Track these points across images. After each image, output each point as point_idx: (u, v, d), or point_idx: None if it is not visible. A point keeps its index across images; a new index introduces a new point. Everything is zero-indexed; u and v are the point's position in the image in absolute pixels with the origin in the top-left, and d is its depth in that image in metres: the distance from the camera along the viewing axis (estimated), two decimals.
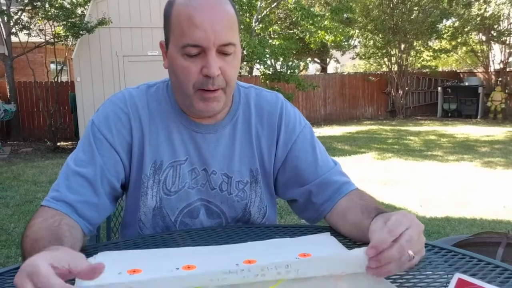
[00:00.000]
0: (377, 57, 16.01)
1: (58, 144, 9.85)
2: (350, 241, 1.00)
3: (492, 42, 14.82)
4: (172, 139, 1.11)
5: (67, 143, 10.35)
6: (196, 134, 1.11)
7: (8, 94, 10.75)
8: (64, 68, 11.24)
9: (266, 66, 10.88)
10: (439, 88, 15.26)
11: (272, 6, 12.34)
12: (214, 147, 1.12)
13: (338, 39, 11.84)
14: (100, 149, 1.06)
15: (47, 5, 9.03)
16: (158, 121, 1.11)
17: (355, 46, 18.64)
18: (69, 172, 1.04)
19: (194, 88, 1.01)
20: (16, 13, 9.79)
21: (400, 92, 15.33)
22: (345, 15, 13.85)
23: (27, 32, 9.77)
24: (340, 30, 11.55)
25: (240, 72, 13.89)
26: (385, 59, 15.68)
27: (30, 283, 0.64)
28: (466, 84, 14.95)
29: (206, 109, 1.04)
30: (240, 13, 10.91)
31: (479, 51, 15.18)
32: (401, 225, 0.79)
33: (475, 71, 16.14)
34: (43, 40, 9.91)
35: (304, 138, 1.17)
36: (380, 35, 15.15)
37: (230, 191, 1.13)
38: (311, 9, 12.56)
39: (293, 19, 12.75)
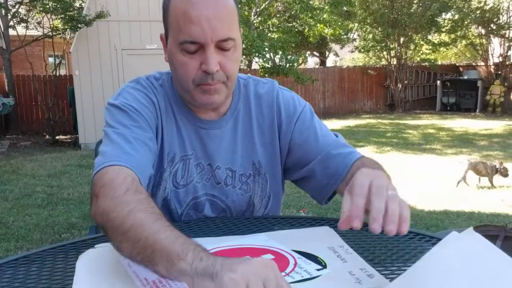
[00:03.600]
0: (376, 50, 15.97)
1: (57, 137, 9.84)
2: (353, 235, 1.00)
3: (492, 36, 14.79)
4: (182, 134, 1.11)
5: (65, 137, 10.34)
6: (200, 130, 1.11)
7: (6, 87, 10.72)
8: (62, 61, 11.19)
9: (265, 59, 10.85)
10: (438, 82, 15.25)
11: None
12: (218, 143, 1.12)
13: (337, 32, 11.81)
14: (142, 122, 1.01)
15: None
16: (170, 114, 1.11)
17: (354, 40, 18.58)
18: (127, 136, 0.96)
19: (194, 83, 1.00)
20: (13, 6, 9.75)
21: (399, 85, 15.31)
22: (344, 8, 13.81)
23: (25, 25, 9.73)
24: (339, 23, 11.52)
25: (239, 66, 13.89)
26: (384, 53, 15.64)
27: (261, 284, 0.60)
28: (465, 77, 14.94)
29: (207, 102, 1.03)
30: (239, 6, 10.85)
31: (478, 45, 15.15)
32: (364, 187, 0.76)
33: (474, 64, 16.12)
34: (41, 33, 9.87)
35: (305, 117, 1.16)
36: (379, 28, 15.11)
37: (234, 184, 1.14)
38: (310, 2, 12.50)
39: (292, 12, 12.71)
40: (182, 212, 1.13)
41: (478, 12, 13.68)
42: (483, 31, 14.82)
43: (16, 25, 9.78)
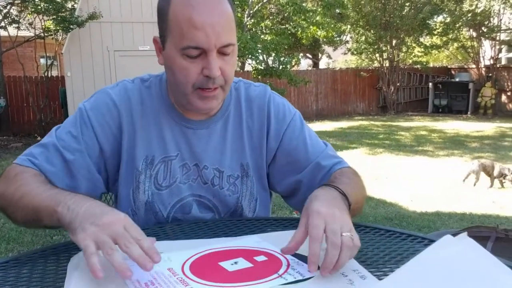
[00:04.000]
0: (368, 52, 16.04)
1: None
2: None
3: (483, 38, 14.90)
4: (163, 135, 1.11)
5: None
6: (187, 130, 1.11)
7: None
8: (54, 62, 11.15)
9: (258, 61, 10.86)
10: (430, 84, 15.34)
11: (264, 1, 12.32)
12: (205, 143, 1.12)
13: (330, 34, 11.88)
14: (84, 134, 1.07)
15: None
16: (150, 117, 1.11)
17: (347, 42, 18.65)
18: (49, 145, 1.06)
19: (193, 87, 1.01)
20: (5, 7, 9.68)
21: (392, 87, 15.38)
22: (337, 10, 13.86)
23: (17, 26, 9.68)
24: (332, 25, 11.58)
25: None
26: (377, 55, 15.72)
27: (122, 228, 0.75)
28: (457, 80, 15.05)
29: (204, 107, 1.04)
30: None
31: (469, 47, 15.26)
32: (318, 227, 0.78)
33: (465, 67, 16.24)
34: (32, 34, 9.82)
35: (295, 125, 1.17)
36: (371, 30, 15.17)
37: (221, 185, 1.14)
38: (303, 4, 12.55)
39: (285, 14, 12.74)
40: (168, 214, 1.12)
41: (469, 15, 13.78)
42: (474, 34, 14.93)
43: (7, 26, 9.71)
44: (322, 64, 24.09)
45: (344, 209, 0.86)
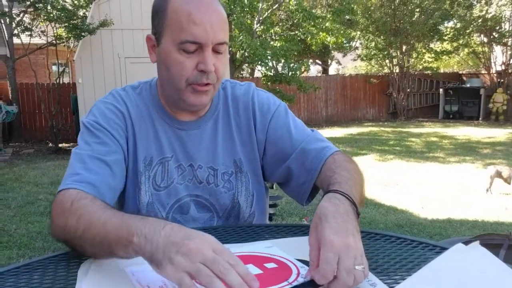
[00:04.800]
0: (378, 58, 16.01)
1: (60, 145, 9.87)
2: None
3: (494, 44, 14.80)
4: (159, 137, 1.14)
5: (68, 145, 10.36)
6: (180, 131, 1.15)
7: (10, 95, 10.78)
8: (66, 69, 11.26)
9: (267, 67, 10.89)
10: (441, 90, 15.25)
11: (274, 7, 12.34)
12: (198, 143, 1.16)
13: (340, 40, 11.86)
14: (106, 138, 1.08)
15: (49, 7, 9.05)
16: (147, 120, 1.15)
17: (357, 48, 18.63)
18: (83, 157, 1.03)
19: (187, 82, 1.04)
20: (18, 15, 9.83)
21: (402, 93, 15.32)
22: (346, 16, 13.85)
23: (29, 33, 9.80)
24: (342, 31, 11.57)
25: (242, 74, 13.86)
26: (387, 61, 15.67)
27: (212, 252, 0.69)
28: (468, 85, 14.95)
29: (195, 102, 1.07)
30: (242, 14, 10.91)
31: (480, 53, 15.16)
32: (331, 263, 0.74)
33: (476, 72, 16.12)
34: (45, 42, 9.94)
35: (279, 115, 1.19)
36: (381, 36, 15.15)
37: (216, 183, 1.16)
38: (313, 10, 12.56)
39: (295, 21, 12.75)
40: (167, 215, 1.14)
41: (480, 20, 13.71)
42: (485, 40, 14.84)
43: (20, 34, 9.85)
44: (332, 70, 24.07)
45: (357, 231, 0.82)
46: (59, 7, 9.05)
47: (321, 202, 0.87)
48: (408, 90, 15.48)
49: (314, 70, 24.77)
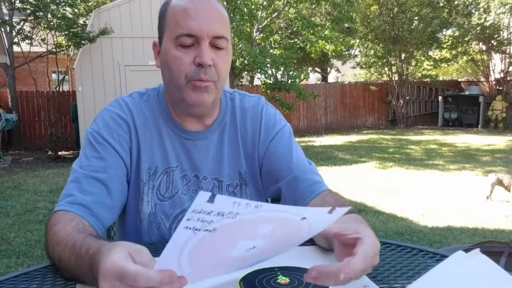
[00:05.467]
0: (377, 66, 16.06)
1: (59, 153, 9.86)
2: None
3: (493, 52, 14.86)
4: (165, 146, 1.13)
5: (68, 153, 10.36)
6: (186, 141, 1.13)
7: (10, 103, 10.79)
8: (65, 77, 11.29)
9: (267, 75, 10.91)
10: (440, 97, 15.29)
11: (273, 16, 12.40)
12: (204, 154, 1.14)
13: (339, 48, 11.87)
14: (106, 152, 1.07)
15: (49, 15, 9.09)
16: (152, 128, 1.13)
17: (356, 56, 18.70)
18: (79, 176, 1.03)
19: (187, 79, 1.02)
20: (18, 23, 9.87)
21: (401, 101, 15.35)
22: (345, 24, 13.92)
23: (29, 42, 9.84)
24: (341, 39, 11.59)
25: (241, 82, 13.90)
26: (386, 69, 15.73)
27: (123, 285, 0.62)
28: (467, 93, 14.99)
29: (197, 100, 1.04)
30: (241, 22, 10.95)
31: (479, 61, 15.22)
32: (374, 259, 0.74)
33: (475, 80, 16.17)
34: (45, 50, 9.98)
35: (282, 136, 1.19)
36: (380, 44, 15.21)
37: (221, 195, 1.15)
38: (312, 19, 12.61)
39: (294, 29, 12.80)
40: (171, 225, 1.13)
41: (478, 28, 13.77)
42: (484, 47, 14.90)
43: (20, 42, 9.88)
44: (331, 78, 24.14)
45: None
46: (59, 15, 9.09)
47: (349, 213, 0.85)
48: (407, 97, 15.52)
49: (314, 78, 24.85)
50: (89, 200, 0.99)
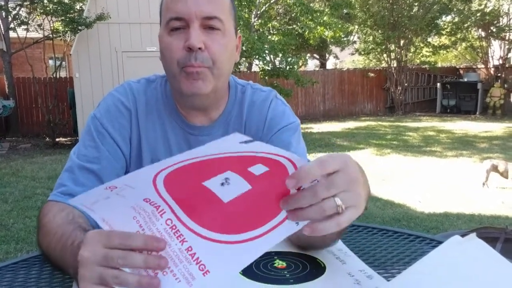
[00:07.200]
0: (376, 53, 15.99)
1: (57, 140, 9.84)
2: (352, 238, 1.00)
3: (492, 38, 14.81)
4: (168, 138, 1.09)
5: (65, 139, 10.34)
6: (190, 136, 1.10)
7: (7, 90, 10.73)
8: (62, 63, 11.21)
9: (265, 62, 10.86)
10: (438, 84, 15.26)
11: (271, 1, 12.31)
12: None
13: (337, 34, 11.81)
14: (104, 143, 1.05)
15: (45, 0, 9.00)
16: (156, 118, 1.09)
17: (355, 42, 18.60)
18: (74, 167, 1.03)
19: (179, 66, 0.97)
20: (14, 8, 9.77)
21: (399, 88, 15.32)
22: (344, 10, 13.83)
23: (26, 27, 9.75)
24: (339, 25, 11.52)
25: (239, 68, 13.86)
26: (384, 55, 15.66)
27: (102, 248, 0.60)
28: (465, 80, 14.96)
29: (191, 89, 0.98)
30: (239, 8, 10.87)
31: (478, 47, 15.17)
32: (334, 161, 0.61)
33: (474, 67, 16.13)
34: (41, 36, 9.89)
35: (284, 132, 1.12)
36: (379, 30, 15.13)
37: None
38: (311, 4, 12.53)
39: (292, 15, 12.73)
40: None
41: (478, 14, 13.70)
42: (483, 34, 14.84)
43: (16, 27, 9.80)
44: (330, 65, 24.05)
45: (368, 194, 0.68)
46: (55, 0, 8.99)
47: None
48: (406, 84, 15.49)
49: (312, 64, 24.74)
50: (81, 191, 0.98)
